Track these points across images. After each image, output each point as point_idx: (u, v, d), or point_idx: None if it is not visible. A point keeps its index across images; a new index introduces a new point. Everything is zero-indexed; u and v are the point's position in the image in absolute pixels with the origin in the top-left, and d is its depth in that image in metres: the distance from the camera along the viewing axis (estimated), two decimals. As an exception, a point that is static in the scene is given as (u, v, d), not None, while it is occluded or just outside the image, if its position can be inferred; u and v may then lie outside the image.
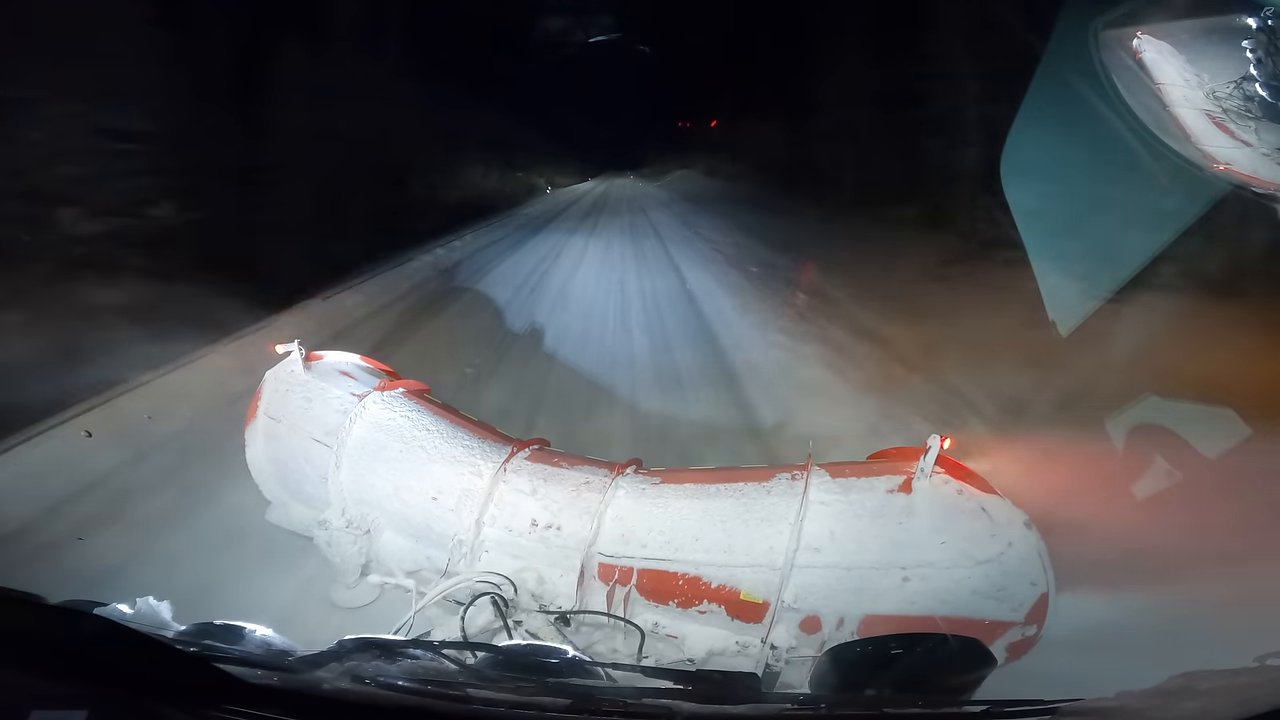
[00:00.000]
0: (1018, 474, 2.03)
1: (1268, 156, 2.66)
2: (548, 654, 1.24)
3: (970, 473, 1.64)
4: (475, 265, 9.55)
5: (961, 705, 1.14)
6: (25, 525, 2.69)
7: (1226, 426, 2.56)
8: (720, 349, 5.53)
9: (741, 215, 12.78)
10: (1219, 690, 0.94)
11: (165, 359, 4.35)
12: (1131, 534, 2.18)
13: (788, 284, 7.51)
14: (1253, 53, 2.70)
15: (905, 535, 1.56)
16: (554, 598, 1.71)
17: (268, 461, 2.18)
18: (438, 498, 1.86)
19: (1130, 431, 2.84)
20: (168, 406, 3.80)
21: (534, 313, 6.89)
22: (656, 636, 1.69)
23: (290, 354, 2.24)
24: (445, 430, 2.00)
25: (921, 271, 6.34)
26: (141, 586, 1.29)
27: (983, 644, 1.31)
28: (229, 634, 1.16)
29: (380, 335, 5.86)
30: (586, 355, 5.50)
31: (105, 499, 2.97)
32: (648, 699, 1.01)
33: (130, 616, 1.18)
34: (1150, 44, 2.87)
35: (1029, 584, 1.50)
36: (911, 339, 5.04)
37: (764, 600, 1.59)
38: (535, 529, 1.77)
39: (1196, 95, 2.77)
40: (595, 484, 1.81)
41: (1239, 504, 2.27)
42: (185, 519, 2.85)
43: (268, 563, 2.36)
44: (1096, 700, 0.97)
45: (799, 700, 1.31)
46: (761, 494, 1.71)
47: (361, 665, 1.06)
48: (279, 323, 5.37)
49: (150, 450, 3.43)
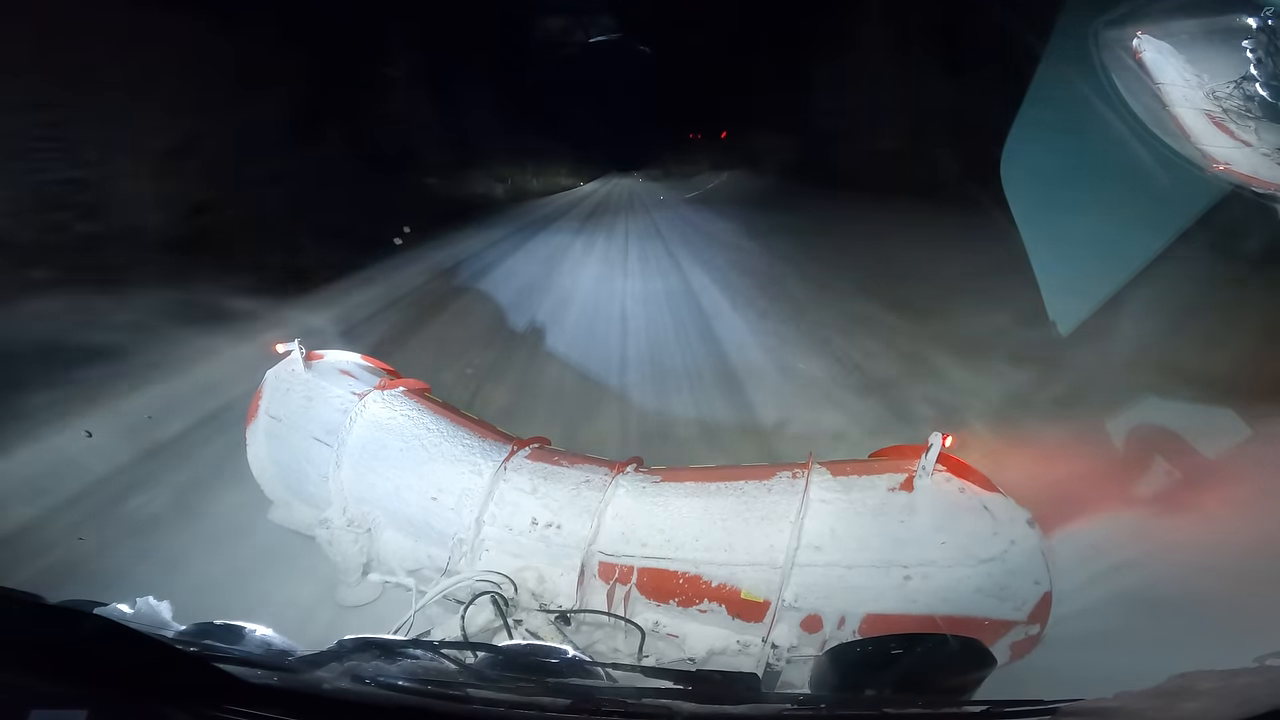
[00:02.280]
0: (1020, 472, 2.03)
1: (1268, 156, 2.66)
2: (548, 654, 1.24)
3: (972, 471, 1.63)
4: (476, 265, 9.53)
5: (962, 705, 1.14)
6: (25, 525, 2.69)
7: (1227, 426, 2.56)
8: (720, 347, 5.53)
9: (743, 214, 12.77)
10: (1219, 690, 0.94)
11: (165, 359, 4.35)
12: (1132, 533, 2.18)
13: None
14: (1253, 53, 2.70)
15: (907, 534, 1.56)
16: (554, 596, 1.71)
17: (269, 461, 2.18)
18: (438, 496, 1.86)
19: (1131, 431, 2.84)
20: (168, 406, 3.80)
21: (534, 312, 6.89)
22: (657, 635, 1.68)
23: (291, 353, 2.24)
24: (446, 429, 2.00)
25: (924, 270, 6.34)
26: (141, 586, 1.29)
27: (983, 644, 1.31)
28: (229, 634, 1.16)
29: (381, 334, 5.86)
30: (587, 354, 5.50)
31: (105, 499, 2.97)
32: (648, 699, 1.01)
33: (130, 616, 1.18)
34: (1150, 44, 2.87)
35: (1032, 583, 1.50)
36: (913, 337, 5.05)
37: (765, 599, 1.59)
38: (535, 527, 1.77)
39: (1196, 95, 2.77)
40: (595, 482, 1.81)
41: (1239, 504, 2.27)
42: (185, 519, 2.85)
43: (268, 562, 2.36)
44: (1096, 700, 0.96)
45: (799, 700, 1.30)
46: (762, 492, 1.70)
47: (361, 665, 1.06)
48: (279, 322, 5.37)
49: (150, 450, 3.43)
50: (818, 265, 7.85)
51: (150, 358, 4.33)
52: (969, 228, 5.71)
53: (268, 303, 5.76)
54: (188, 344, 4.65)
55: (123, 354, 4.24)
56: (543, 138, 20.97)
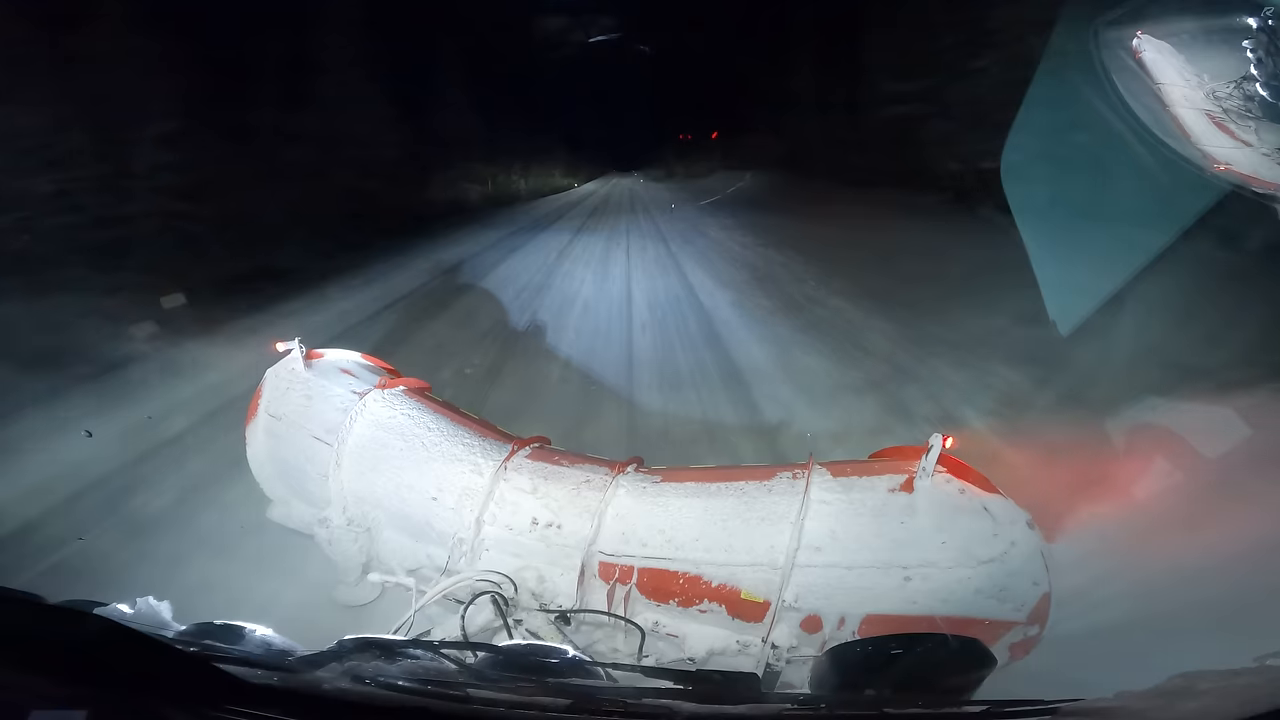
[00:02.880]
0: (1020, 473, 2.03)
1: (1268, 156, 2.66)
2: (548, 654, 1.23)
3: (972, 472, 1.63)
4: (476, 264, 9.54)
5: (961, 705, 1.13)
6: (25, 525, 2.69)
7: (1227, 426, 2.56)
8: (721, 346, 5.53)
9: (743, 214, 12.77)
10: (1219, 690, 0.94)
11: (165, 358, 4.35)
12: (1132, 533, 2.18)
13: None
14: (1253, 53, 2.70)
15: (907, 534, 1.55)
16: (554, 596, 1.70)
17: (268, 460, 2.17)
18: (438, 496, 1.86)
19: (1131, 431, 2.84)
20: (168, 406, 3.80)
21: (534, 311, 6.89)
22: (657, 635, 1.68)
23: (291, 352, 2.23)
24: (446, 428, 2.00)
25: (924, 269, 6.34)
26: (141, 586, 1.29)
27: (983, 644, 1.30)
28: (229, 634, 1.16)
29: (381, 333, 5.86)
30: (587, 353, 5.50)
31: (105, 499, 2.97)
32: (648, 699, 1.01)
33: (130, 616, 1.18)
34: (1150, 44, 2.88)
35: (1031, 584, 1.49)
36: (913, 336, 5.05)
37: (765, 599, 1.58)
38: (536, 527, 1.76)
39: (1196, 95, 2.78)
40: (596, 482, 1.81)
41: (1239, 504, 2.27)
42: (185, 519, 2.85)
43: (268, 562, 2.36)
44: (1096, 700, 0.96)
45: (799, 700, 1.30)
46: (762, 493, 1.70)
47: (361, 665, 1.06)
48: (280, 321, 5.37)
49: (150, 450, 3.43)
50: (816, 264, 7.86)
51: (151, 357, 4.33)
52: (969, 227, 5.72)
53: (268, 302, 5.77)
54: (188, 343, 4.65)
55: (123, 353, 4.24)
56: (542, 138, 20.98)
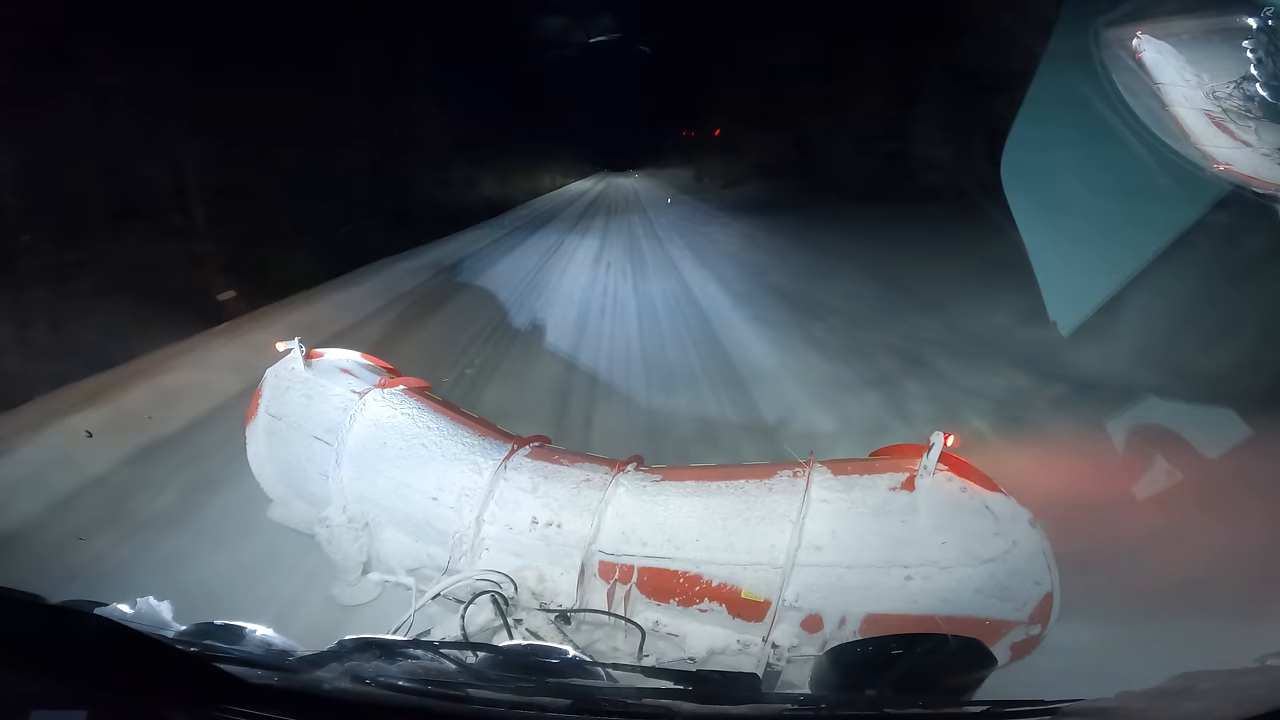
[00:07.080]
0: (1022, 472, 2.03)
1: (1268, 156, 2.66)
2: (548, 654, 1.23)
3: (974, 470, 1.62)
4: (476, 263, 9.54)
5: (962, 705, 1.13)
6: (25, 525, 2.69)
7: (1227, 426, 2.56)
8: (721, 344, 5.53)
9: (742, 213, 12.77)
10: (1219, 690, 0.94)
11: (165, 358, 4.35)
12: (1133, 533, 2.18)
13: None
14: (1253, 53, 2.70)
15: (908, 534, 1.55)
16: (554, 596, 1.70)
17: (268, 459, 2.17)
18: (438, 495, 1.86)
19: (1131, 431, 2.84)
20: (168, 406, 3.80)
21: (534, 310, 6.89)
22: (657, 635, 1.68)
23: (290, 351, 2.23)
24: (446, 427, 2.00)
25: (925, 268, 6.35)
26: (141, 586, 1.29)
27: (983, 644, 1.30)
28: (229, 634, 1.15)
29: (381, 332, 5.86)
30: (587, 352, 5.50)
31: (105, 499, 2.97)
32: (648, 699, 1.00)
33: (130, 616, 1.18)
34: (1150, 44, 2.87)
35: (1033, 583, 1.49)
36: (914, 335, 5.05)
37: (765, 599, 1.58)
38: (536, 526, 1.76)
39: (1197, 95, 2.77)
40: (596, 481, 1.81)
41: (1239, 503, 2.27)
42: (185, 519, 2.85)
43: (268, 561, 2.36)
44: (1096, 700, 0.96)
45: (799, 700, 1.30)
46: (763, 491, 1.69)
47: (361, 665, 1.06)
48: (279, 320, 5.37)
49: (150, 450, 3.43)
50: (815, 263, 7.86)
51: (151, 357, 4.33)
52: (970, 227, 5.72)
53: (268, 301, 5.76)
54: (188, 343, 4.65)
55: (123, 353, 4.24)
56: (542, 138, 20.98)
